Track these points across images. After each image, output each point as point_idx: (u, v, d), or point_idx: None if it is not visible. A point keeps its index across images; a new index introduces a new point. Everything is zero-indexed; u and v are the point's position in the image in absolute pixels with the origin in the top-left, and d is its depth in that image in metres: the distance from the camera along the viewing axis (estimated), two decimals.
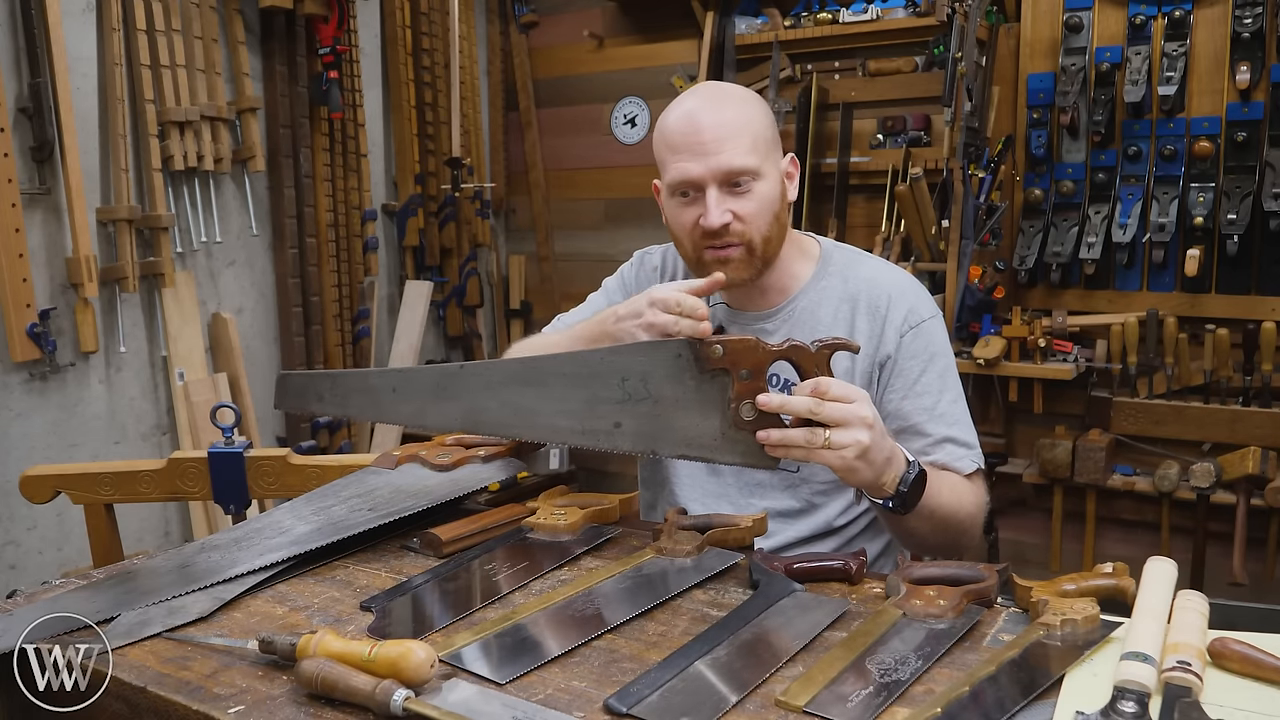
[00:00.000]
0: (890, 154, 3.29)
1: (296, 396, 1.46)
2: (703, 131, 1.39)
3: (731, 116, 1.41)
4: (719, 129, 1.39)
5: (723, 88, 1.50)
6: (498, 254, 4.26)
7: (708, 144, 1.39)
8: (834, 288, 1.52)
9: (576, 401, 1.26)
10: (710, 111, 1.41)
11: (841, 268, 1.54)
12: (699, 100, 1.44)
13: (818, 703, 0.90)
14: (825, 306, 1.51)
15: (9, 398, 2.63)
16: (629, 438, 1.26)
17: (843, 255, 1.57)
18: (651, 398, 1.23)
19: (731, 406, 1.21)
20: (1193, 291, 2.82)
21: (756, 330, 1.52)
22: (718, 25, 3.55)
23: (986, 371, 2.90)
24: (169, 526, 3.06)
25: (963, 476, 1.44)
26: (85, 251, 2.66)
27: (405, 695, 0.89)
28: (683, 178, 1.41)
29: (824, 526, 1.52)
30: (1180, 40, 2.72)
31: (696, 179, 1.40)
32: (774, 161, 1.44)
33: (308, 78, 3.32)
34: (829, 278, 1.53)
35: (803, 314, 1.52)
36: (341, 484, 1.48)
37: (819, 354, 1.20)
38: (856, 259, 1.57)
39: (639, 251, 1.73)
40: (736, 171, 1.39)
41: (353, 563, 1.29)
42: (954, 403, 1.47)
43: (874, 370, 1.48)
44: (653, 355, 1.23)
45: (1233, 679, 0.92)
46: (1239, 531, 2.63)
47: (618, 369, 1.24)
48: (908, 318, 1.47)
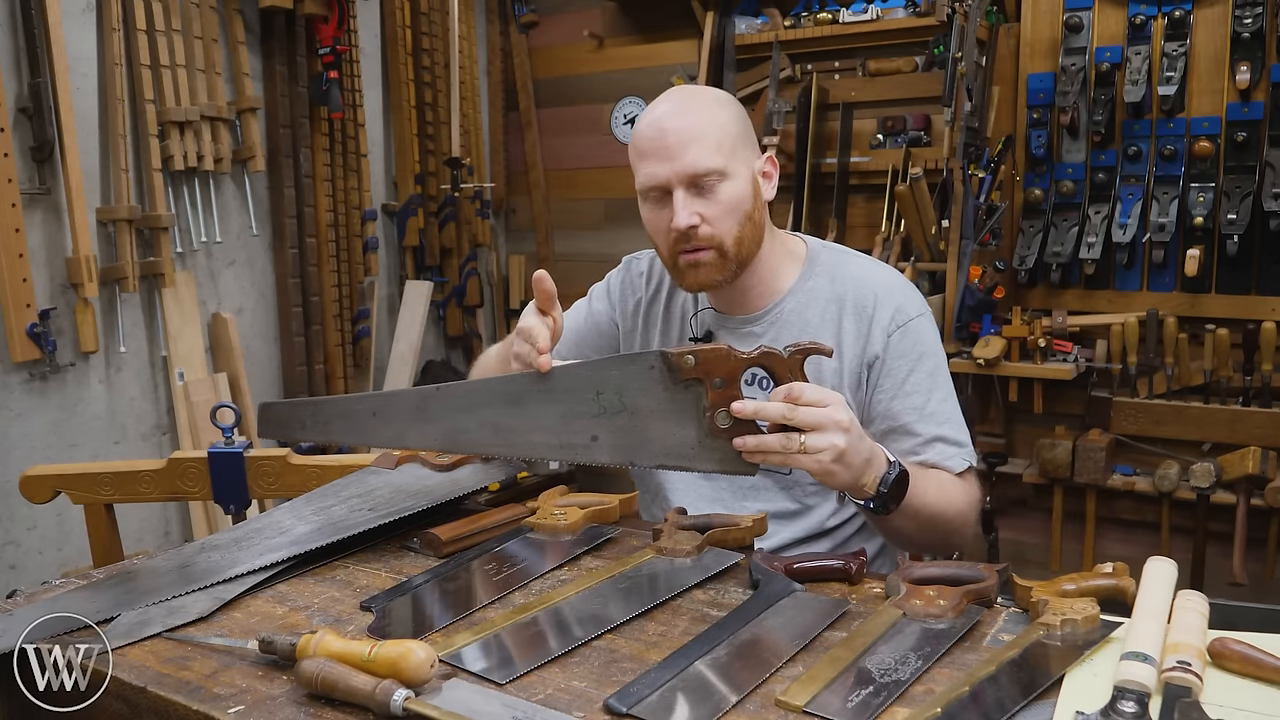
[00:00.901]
0: (890, 154, 3.29)
1: (280, 426, 1.48)
2: (667, 135, 1.40)
3: (696, 119, 1.41)
4: (682, 132, 1.40)
5: (691, 91, 1.52)
6: (498, 254, 4.26)
7: (672, 147, 1.39)
8: (821, 288, 1.51)
9: (552, 417, 1.27)
10: (675, 116, 1.42)
11: (828, 268, 1.53)
12: (666, 105, 1.45)
13: (818, 703, 0.90)
14: (813, 308, 1.51)
15: (9, 398, 2.63)
16: (606, 450, 1.26)
17: (830, 255, 1.56)
18: (627, 410, 1.24)
19: (706, 415, 1.21)
20: (1193, 291, 2.82)
21: (744, 334, 1.52)
22: (718, 25, 3.55)
23: (986, 371, 2.90)
24: (169, 526, 3.06)
25: (954, 475, 1.44)
26: (85, 251, 2.66)
27: (405, 695, 0.89)
28: (650, 182, 1.42)
29: (817, 527, 1.51)
30: (1180, 40, 2.72)
31: (663, 182, 1.41)
32: (744, 161, 1.44)
33: (308, 78, 3.32)
34: (816, 278, 1.52)
35: (790, 316, 1.51)
36: (341, 484, 1.48)
37: (792, 359, 1.20)
38: (844, 259, 1.56)
39: (627, 257, 1.73)
40: (701, 173, 1.39)
41: (353, 563, 1.29)
42: (944, 401, 1.47)
43: (862, 371, 1.48)
44: (626, 369, 1.24)
45: (1233, 679, 0.92)
46: (1239, 531, 2.63)
47: (593, 383, 1.25)
48: (894, 317, 1.47)
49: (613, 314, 1.69)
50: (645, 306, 1.65)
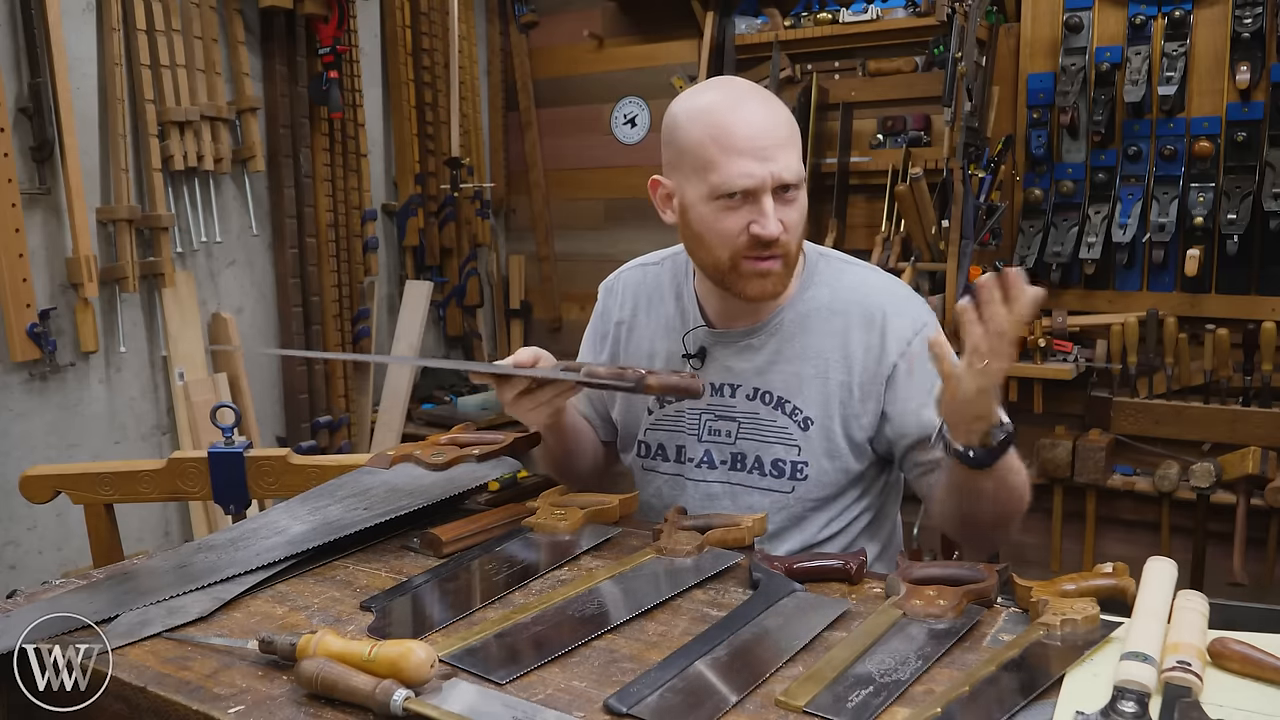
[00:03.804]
0: (890, 154, 3.29)
1: None
2: (766, 135, 1.32)
3: (786, 122, 1.36)
4: (778, 133, 1.33)
5: (754, 87, 1.42)
6: (498, 254, 4.26)
7: (770, 148, 1.32)
8: (821, 298, 1.48)
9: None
10: (768, 115, 1.34)
11: (828, 277, 1.50)
12: (754, 103, 1.35)
13: (818, 703, 0.90)
14: (814, 319, 1.47)
15: (9, 398, 2.63)
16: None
17: (828, 265, 1.52)
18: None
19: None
20: (1193, 291, 2.82)
21: (742, 347, 1.49)
22: (718, 25, 3.55)
23: None
24: (169, 526, 3.06)
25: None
26: (85, 251, 2.66)
27: (405, 695, 0.89)
28: (743, 183, 1.32)
29: (812, 539, 1.49)
30: (1180, 40, 2.72)
31: (757, 184, 1.32)
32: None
33: (308, 78, 3.31)
34: (815, 288, 1.49)
35: (790, 327, 1.47)
36: (337, 484, 1.48)
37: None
38: (843, 268, 1.52)
39: (601, 287, 1.69)
40: (792, 181, 1.34)
41: (353, 563, 1.29)
42: None
43: (872, 384, 1.44)
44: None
45: (1233, 679, 0.92)
46: (1239, 531, 2.63)
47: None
48: (910, 326, 1.44)
49: (604, 329, 1.66)
50: (628, 325, 1.62)
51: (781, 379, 1.47)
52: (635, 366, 1.37)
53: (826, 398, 1.45)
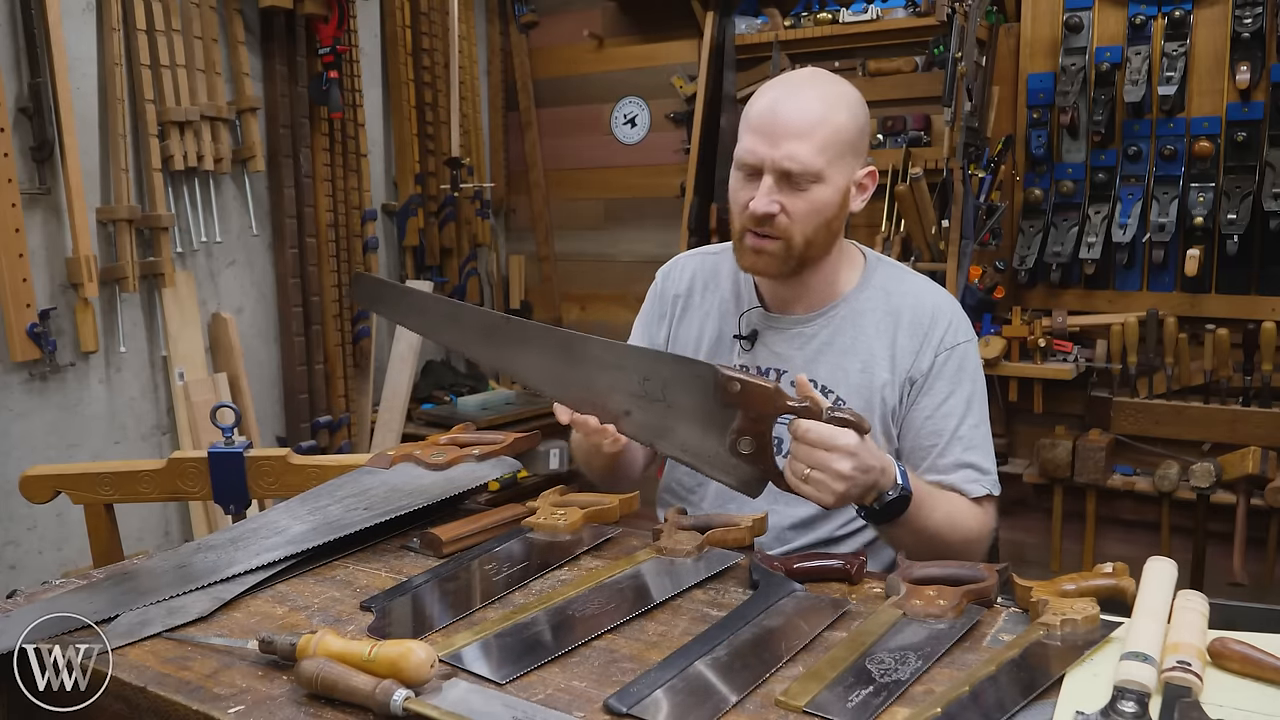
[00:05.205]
0: (890, 154, 3.29)
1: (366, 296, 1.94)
2: (778, 119, 1.39)
3: (813, 114, 1.39)
4: (793, 122, 1.38)
5: (823, 81, 1.47)
6: (498, 254, 4.26)
7: (777, 133, 1.38)
8: (877, 299, 1.52)
9: (599, 381, 1.35)
10: (793, 101, 1.40)
11: (884, 281, 1.54)
12: (789, 89, 1.43)
13: (818, 703, 0.90)
14: (868, 316, 1.51)
15: (9, 398, 2.63)
16: (634, 426, 1.34)
17: (886, 269, 1.57)
18: (665, 401, 1.31)
19: (732, 436, 1.27)
20: (1193, 291, 2.82)
21: (794, 334, 1.52)
22: (718, 25, 3.55)
23: (987, 372, 2.88)
24: (169, 526, 3.06)
25: (970, 501, 1.44)
26: (85, 251, 2.66)
27: (405, 695, 0.89)
28: (746, 157, 1.42)
29: (840, 530, 1.52)
30: (1180, 40, 2.72)
31: (757, 162, 1.40)
32: (844, 169, 1.42)
33: (308, 78, 3.31)
34: (872, 289, 1.53)
35: (844, 322, 1.52)
36: (336, 484, 1.48)
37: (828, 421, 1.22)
38: (900, 274, 1.57)
39: (659, 271, 1.72)
40: (796, 170, 1.38)
41: (353, 563, 1.29)
42: (976, 427, 1.48)
43: (906, 385, 1.49)
44: (678, 368, 1.31)
45: (1233, 679, 0.92)
46: (1239, 531, 2.63)
47: (643, 369, 1.32)
48: (945, 338, 1.48)
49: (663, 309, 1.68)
50: (684, 302, 1.65)
51: (828, 370, 1.50)
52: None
53: (870, 395, 1.49)
